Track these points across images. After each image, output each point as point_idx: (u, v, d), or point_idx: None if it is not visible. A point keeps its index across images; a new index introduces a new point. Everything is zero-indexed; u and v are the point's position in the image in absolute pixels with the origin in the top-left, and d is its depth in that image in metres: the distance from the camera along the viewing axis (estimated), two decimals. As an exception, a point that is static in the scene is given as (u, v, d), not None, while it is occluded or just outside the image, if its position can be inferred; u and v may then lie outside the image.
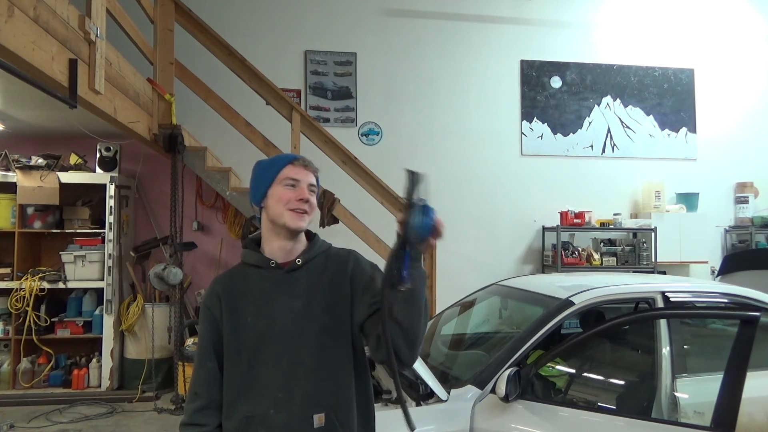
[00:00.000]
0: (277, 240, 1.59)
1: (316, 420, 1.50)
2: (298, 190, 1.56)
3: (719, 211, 7.03)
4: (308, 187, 1.58)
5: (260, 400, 1.51)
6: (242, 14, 6.25)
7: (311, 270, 1.59)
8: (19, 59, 2.53)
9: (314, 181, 1.61)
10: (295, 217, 1.55)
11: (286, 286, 1.56)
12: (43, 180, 5.18)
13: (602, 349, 3.04)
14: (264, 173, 1.60)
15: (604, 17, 6.98)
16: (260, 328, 1.53)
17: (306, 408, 1.50)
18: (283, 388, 1.50)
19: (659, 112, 7.03)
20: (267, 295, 1.56)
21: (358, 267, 1.61)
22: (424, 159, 6.52)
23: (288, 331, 1.53)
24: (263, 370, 1.52)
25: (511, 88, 6.77)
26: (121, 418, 4.76)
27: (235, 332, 1.54)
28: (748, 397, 2.21)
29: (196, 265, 6.04)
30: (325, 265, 1.61)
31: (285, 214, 1.55)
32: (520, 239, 6.72)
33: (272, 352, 1.52)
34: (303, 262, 1.59)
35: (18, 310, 5.17)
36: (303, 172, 1.58)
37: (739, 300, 2.94)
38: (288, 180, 1.57)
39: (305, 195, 1.56)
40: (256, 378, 1.52)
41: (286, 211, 1.55)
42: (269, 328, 1.53)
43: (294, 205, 1.55)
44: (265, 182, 1.59)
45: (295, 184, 1.57)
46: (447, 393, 2.46)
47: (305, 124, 5.37)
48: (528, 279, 3.70)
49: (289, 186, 1.56)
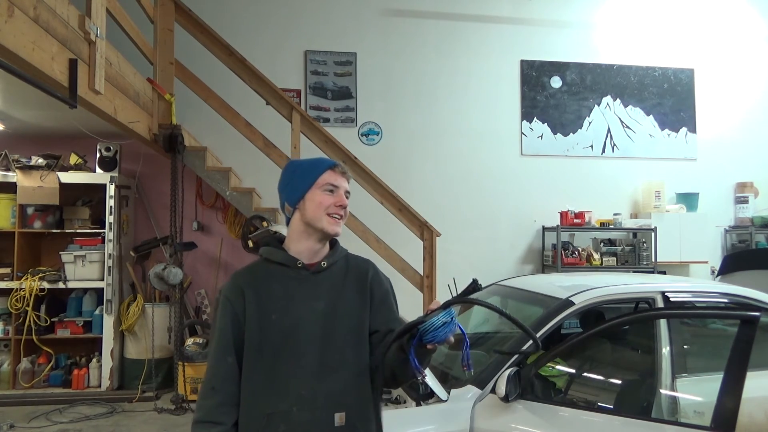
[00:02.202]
0: (307, 241, 1.62)
1: (337, 419, 1.52)
2: (337, 196, 1.61)
3: (719, 211, 7.03)
4: (345, 194, 1.64)
5: (283, 397, 1.51)
6: (242, 14, 6.25)
7: (333, 273, 1.63)
8: (19, 59, 2.53)
9: (348, 188, 1.67)
10: (333, 223, 1.60)
11: (310, 286, 1.59)
12: (43, 180, 5.18)
13: (602, 349, 3.04)
14: (303, 176, 1.63)
15: (604, 17, 6.98)
16: (285, 326, 1.54)
17: (328, 407, 1.52)
18: (307, 386, 1.52)
19: (659, 112, 7.04)
20: (291, 294, 1.58)
21: (377, 277, 1.69)
22: (424, 159, 6.53)
23: (312, 331, 1.55)
24: (286, 368, 1.53)
25: (511, 88, 6.77)
26: (121, 418, 4.76)
27: (258, 329, 1.54)
28: (748, 397, 2.20)
29: (196, 265, 6.04)
30: (345, 270, 1.66)
31: (324, 219, 1.59)
32: (520, 239, 6.72)
33: (296, 350, 1.54)
34: (327, 265, 1.62)
35: (18, 310, 5.17)
36: (341, 178, 1.63)
37: (739, 300, 2.94)
38: (328, 185, 1.60)
39: (344, 201, 1.61)
40: (279, 375, 1.52)
41: (325, 216, 1.59)
42: (294, 327, 1.55)
43: (332, 211, 1.59)
44: (304, 185, 1.62)
45: (334, 189, 1.61)
46: (447, 393, 2.46)
47: (305, 124, 5.37)
48: (528, 279, 3.70)
49: (328, 191, 1.60)
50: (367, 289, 1.64)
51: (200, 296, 6.05)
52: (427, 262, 5.46)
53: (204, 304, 6.04)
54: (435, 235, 5.46)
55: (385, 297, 1.66)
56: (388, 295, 1.68)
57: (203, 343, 5.31)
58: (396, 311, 1.70)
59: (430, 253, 5.46)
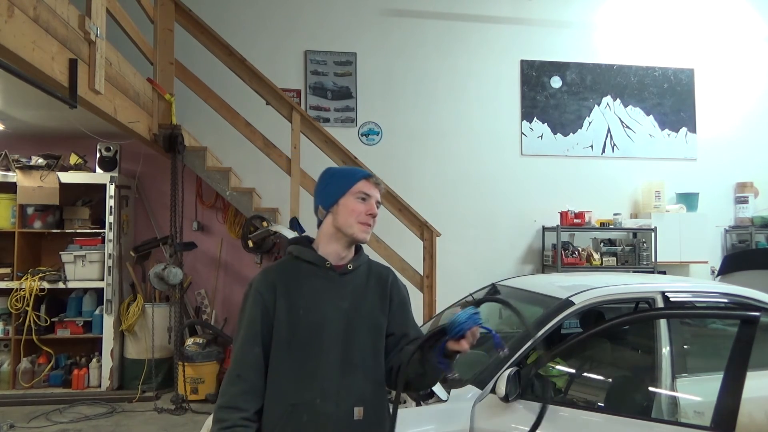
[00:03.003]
0: (336, 244, 1.71)
1: (356, 413, 1.62)
2: (369, 204, 1.71)
3: (719, 211, 7.03)
4: (376, 203, 1.74)
5: (308, 389, 1.59)
6: (242, 14, 6.25)
7: (358, 276, 1.74)
8: (19, 59, 2.54)
9: (380, 198, 1.77)
10: (363, 230, 1.69)
11: (336, 286, 1.69)
12: (43, 180, 5.18)
13: (602, 349, 3.04)
14: (339, 182, 1.73)
15: (604, 17, 6.98)
16: (312, 322, 1.63)
17: (349, 401, 1.61)
18: (330, 380, 1.61)
19: (659, 112, 7.04)
20: (318, 291, 1.67)
21: (396, 284, 1.80)
22: (424, 159, 6.53)
23: (336, 328, 1.64)
24: (312, 362, 1.61)
25: (511, 88, 6.77)
26: (121, 418, 4.76)
27: (288, 322, 1.62)
28: (748, 397, 2.21)
29: (196, 265, 6.04)
30: (368, 275, 1.76)
31: (355, 226, 1.68)
32: (520, 239, 6.72)
33: (321, 346, 1.62)
34: (353, 268, 1.73)
35: (18, 310, 5.17)
36: (374, 189, 1.74)
37: (739, 300, 2.94)
38: (361, 194, 1.70)
39: (374, 210, 1.72)
40: (305, 368, 1.60)
41: (356, 223, 1.68)
42: (320, 324, 1.63)
43: (363, 219, 1.69)
44: (339, 191, 1.71)
45: (366, 198, 1.71)
46: (447, 393, 2.46)
47: (305, 124, 5.37)
48: (528, 279, 3.70)
49: (360, 199, 1.70)
50: (387, 293, 1.75)
51: (200, 296, 6.05)
52: (427, 262, 5.46)
53: (204, 304, 6.04)
54: (435, 235, 5.46)
55: (403, 303, 1.78)
56: (405, 301, 1.80)
57: (203, 343, 5.32)
58: (412, 318, 1.81)
59: (430, 253, 5.46)
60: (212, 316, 5.97)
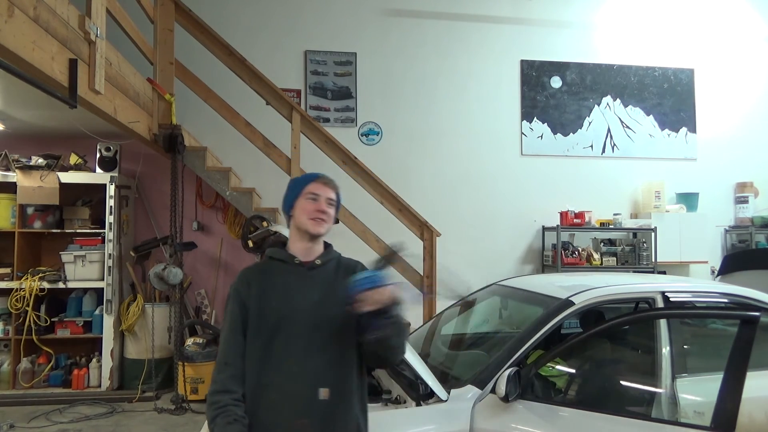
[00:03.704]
0: (300, 242, 1.91)
1: (322, 393, 1.76)
2: (317, 203, 1.87)
3: (719, 211, 7.03)
4: (327, 201, 1.89)
5: (276, 371, 1.77)
6: (242, 14, 6.25)
7: (326, 270, 1.91)
8: (19, 59, 2.54)
9: (333, 196, 1.91)
10: (314, 224, 1.86)
11: (305, 280, 1.87)
12: (43, 180, 5.18)
13: (602, 349, 3.04)
14: (293, 189, 1.93)
15: (604, 17, 6.98)
16: (282, 312, 1.81)
17: (315, 382, 1.77)
18: (297, 363, 1.77)
19: (659, 112, 7.04)
20: (289, 285, 1.86)
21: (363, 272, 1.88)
22: (423, 159, 6.53)
23: (306, 317, 1.81)
24: (281, 347, 1.78)
25: (511, 88, 6.77)
26: (121, 418, 4.76)
27: (259, 313, 1.81)
28: (748, 397, 2.21)
29: (196, 265, 6.04)
30: (337, 268, 1.93)
31: (307, 222, 1.86)
32: (520, 239, 6.72)
33: (291, 332, 1.80)
34: (321, 262, 1.91)
35: (18, 310, 5.17)
36: (323, 188, 1.89)
37: (739, 300, 2.94)
38: (311, 194, 1.88)
39: (322, 207, 1.87)
40: (275, 354, 1.78)
41: (308, 219, 1.86)
42: (290, 313, 1.81)
43: (314, 215, 1.86)
44: (293, 195, 1.92)
45: (315, 197, 1.88)
46: (447, 393, 2.46)
47: (305, 124, 5.37)
48: (528, 279, 3.70)
49: (310, 199, 1.87)
50: None
51: (200, 296, 6.05)
52: (427, 262, 5.46)
53: (204, 304, 6.04)
54: (435, 235, 5.46)
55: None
56: None
57: (203, 343, 5.31)
58: None
59: (430, 253, 5.46)
60: (212, 316, 5.98)
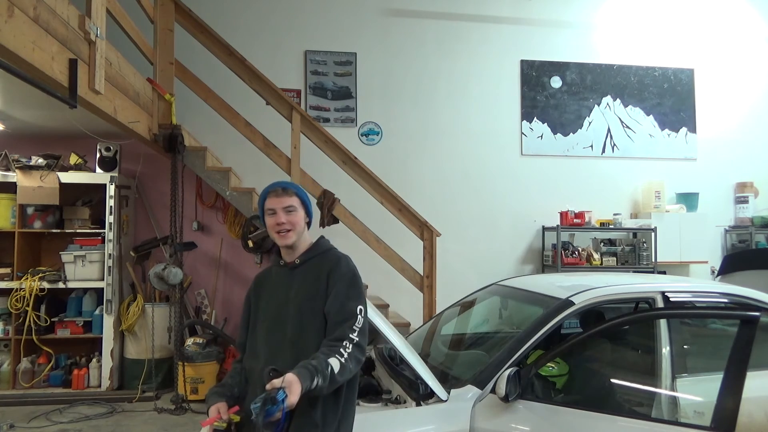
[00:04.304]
0: (283, 249, 2.08)
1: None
2: (275, 217, 2.01)
3: (719, 211, 7.03)
4: (284, 210, 2.00)
5: (258, 360, 1.99)
6: (242, 14, 6.25)
7: (306, 268, 2.05)
8: (19, 59, 2.54)
9: (291, 203, 2.02)
10: (280, 237, 2.02)
11: (287, 278, 2.06)
12: (43, 180, 5.18)
13: (602, 349, 3.04)
14: (259, 206, 2.10)
15: (604, 17, 6.98)
16: (266, 309, 2.06)
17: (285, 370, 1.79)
18: (271, 354, 1.96)
19: (659, 112, 7.04)
20: (276, 285, 2.08)
21: (336, 270, 2.00)
22: (423, 159, 6.53)
23: (281, 313, 2.00)
24: (262, 340, 2.02)
25: (511, 88, 6.77)
26: (121, 418, 4.76)
27: (254, 311, 2.09)
28: (748, 397, 2.21)
29: (196, 265, 6.04)
30: (317, 265, 2.04)
31: (275, 236, 2.04)
32: (520, 239, 6.72)
33: (269, 327, 2.02)
34: (300, 261, 2.06)
35: (18, 310, 5.17)
36: (276, 200, 2.01)
37: (739, 300, 2.94)
38: (269, 210, 2.02)
39: (281, 219, 2.00)
40: (258, 345, 2.03)
41: (274, 234, 2.03)
42: (272, 310, 2.03)
43: (276, 229, 2.01)
44: (261, 215, 2.08)
45: (273, 212, 2.01)
46: (447, 393, 2.46)
47: (305, 124, 5.37)
48: (528, 279, 3.70)
49: (270, 215, 2.02)
50: (325, 279, 1.99)
51: (200, 296, 6.05)
52: (427, 262, 5.46)
53: (204, 304, 6.04)
54: (435, 235, 5.46)
55: (333, 285, 1.97)
56: (335, 283, 1.97)
57: (203, 343, 5.31)
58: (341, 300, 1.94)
59: (430, 253, 5.46)
60: (212, 316, 5.98)
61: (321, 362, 1.75)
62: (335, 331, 1.88)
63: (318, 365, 1.74)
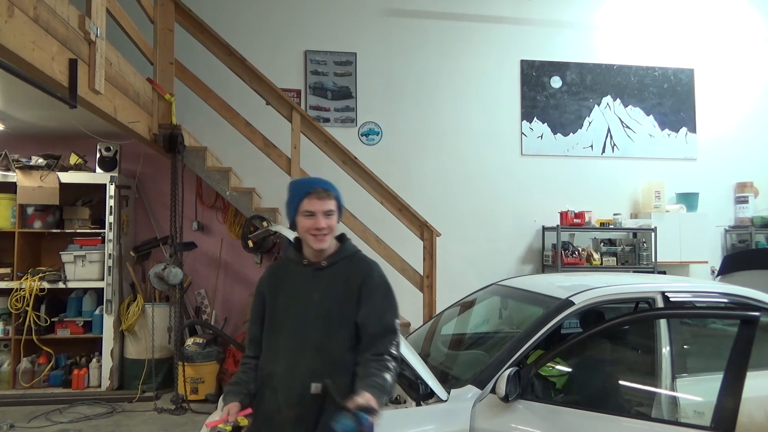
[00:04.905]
0: (308, 248, 2.01)
1: (313, 387, 1.85)
2: (314, 220, 1.93)
3: (719, 211, 7.03)
4: (324, 214, 1.93)
5: (278, 362, 1.94)
6: (242, 14, 6.25)
7: (334, 270, 1.99)
8: (19, 59, 2.54)
9: (331, 206, 1.96)
10: (316, 240, 1.94)
11: (311, 280, 1.99)
12: (43, 180, 5.18)
13: (602, 349, 3.04)
14: (290, 203, 1.99)
15: (604, 17, 6.98)
16: (287, 310, 1.98)
17: (307, 377, 1.86)
18: (293, 357, 1.91)
19: (659, 112, 7.03)
20: (296, 285, 2.00)
21: (369, 278, 1.97)
22: (424, 159, 6.53)
23: (305, 315, 1.94)
24: (283, 342, 1.95)
25: (511, 88, 6.77)
26: (121, 418, 4.76)
27: (272, 309, 2.01)
28: (748, 397, 2.21)
29: (196, 265, 6.04)
30: (345, 268, 1.99)
31: (308, 238, 1.96)
32: (520, 239, 6.71)
33: (291, 328, 1.95)
34: (327, 264, 1.99)
35: (18, 310, 5.17)
36: (318, 203, 1.93)
37: (739, 300, 2.94)
38: (306, 212, 1.93)
39: (319, 224, 1.92)
40: (278, 346, 1.96)
41: (308, 236, 1.95)
42: (294, 311, 1.96)
43: (313, 232, 1.94)
44: (291, 211, 1.99)
45: (311, 214, 1.93)
46: (447, 393, 2.46)
47: (305, 124, 5.37)
48: (528, 279, 3.70)
49: (308, 216, 1.93)
50: (357, 286, 1.95)
51: (200, 296, 6.04)
52: (427, 262, 5.46)
53: (204, 304, 6.04)
54: (435, 235, 5.46)
55: (369, 296, 1.94)
56: (371, 294, 1.95)
57: (203, 343, 5.32)
58: (379, 311, 1.94)
59: (430, 253, 5.46)
60: (212, 316, 5.97)
61: (384, 381, 1.79)
62: (376, 345, 1.88)
63: (384, 384, 1.78)
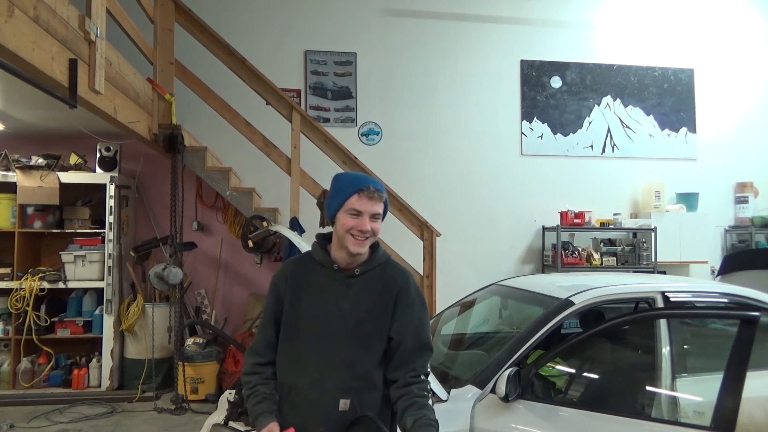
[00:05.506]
0: (341, 251, 1.82)
1: (341, 404, 1.74)
2: (359, 220, 1.76)
3: (719, 211, 7.03)
4: (371, 217, 1.77)
5: (301, 375, 1.78)
6: (242, 14, 6.25)
7: (366, 279, 1.83)
8: (19, 59, 2.53)
9: (379, 209, 1.80)
10: (355, 243, 1.77)
11: (341, 287, 1.81)
12: (43, 180, 5.18)
13: (602, 349, 3.04)
14: (336, 196, 1.81)
15: (604, 17, 6.98)
16: (313, 316, 1.79)
17: (335, 392, 1.74)
18: (320, 371, 1.76)
19: (659, 112, 7.04)
20: (324, 290, 1.81)
21: (405, 290, 1.83)
22: (424, 159, 6.53)
23: (334, 326, 1.78)
24: (308, 353, 1.78)
25: (511, 88, 6.77)
26: (121, 418, 4.76)
27: (292, 312, 1.81)
28: (748, 397, 2.21)
29: (196, 265, 6.04)
30: (379, 277, 1.84)
31: (347, 239, 1.77)
32: (520, 239, 6.72)
33: (318, 339, 1.77)
34: (360, 272, 1.83)
35: (18, 310, 5.16)
36: (368, 203, 1.77)
37: (739, 300, 2.94)
38: (352, 210, 1.77)
39: (365, 227, 1.77)
40: (302, 357, 1.78)
41: (348, 236, 1.77)
42: (320, 319, 1.78)
43: (355, 233, 1.77)
44: (335, 205, 1.81)
45: (358, 215, 1.76)
46: (447, 393, 2.46)
47: (305, 124, 5.37)
48: (528, 279, 3.70)
49: (353, 215, 1.77)
50: (392, 298, 1.81)
51: (200, 296, 6.05)
52: (427, 262, 5.46)
53: (204, 304, 6.04)
54: (435, 235, 5.46)
55: (407, 309, 1.81)
56: (409, 307, 1.82)
57: (203, 343, 5.31)
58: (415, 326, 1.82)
59: (430, 253, 5.46)
60: (212, 316, 5.97)
61: (433, 412, 1.71)
62: (412, 362, 1.77)
63: (435, 419, 1.69)
